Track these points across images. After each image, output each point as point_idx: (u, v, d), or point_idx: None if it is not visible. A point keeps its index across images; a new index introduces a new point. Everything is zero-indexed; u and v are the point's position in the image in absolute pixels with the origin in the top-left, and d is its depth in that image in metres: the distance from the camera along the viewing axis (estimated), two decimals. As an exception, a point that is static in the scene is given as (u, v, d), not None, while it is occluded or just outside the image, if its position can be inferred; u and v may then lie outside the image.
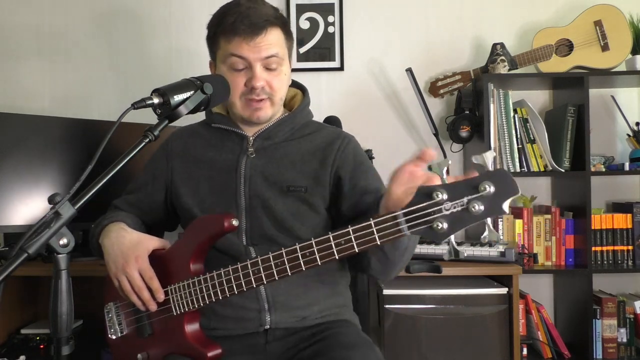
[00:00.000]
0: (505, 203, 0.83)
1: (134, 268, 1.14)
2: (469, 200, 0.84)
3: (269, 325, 1.23)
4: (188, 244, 1.17)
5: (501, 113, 2.17)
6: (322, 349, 1.17)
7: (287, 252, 1.02)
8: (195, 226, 1.18)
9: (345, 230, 0.96)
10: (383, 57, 2.45)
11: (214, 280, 1.11)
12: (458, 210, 0.85)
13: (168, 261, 1.18)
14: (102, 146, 0.94)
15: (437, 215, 0.86)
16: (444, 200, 0.85)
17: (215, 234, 1.15)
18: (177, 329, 1.15)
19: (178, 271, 1.16)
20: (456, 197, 0.85)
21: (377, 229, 0.93)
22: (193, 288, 1.13)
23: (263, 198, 1.25)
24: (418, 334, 1.82)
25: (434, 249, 1.93)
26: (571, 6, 2.39)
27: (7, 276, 0.81)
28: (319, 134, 1.34)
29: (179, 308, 1.15)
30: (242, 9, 1.22)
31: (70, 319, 0.91)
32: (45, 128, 2.00)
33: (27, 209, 1.94)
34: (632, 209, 2.22)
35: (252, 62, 1.23)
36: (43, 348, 1.94)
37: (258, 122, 1.29)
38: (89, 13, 2.45)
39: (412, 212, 0.88)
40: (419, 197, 0.88)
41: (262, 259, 1.05)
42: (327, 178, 1.28)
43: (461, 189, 0.85)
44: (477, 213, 0.83)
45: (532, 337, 2.17)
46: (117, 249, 1.18)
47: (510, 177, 0.83)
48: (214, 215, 1.18)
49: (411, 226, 0.89)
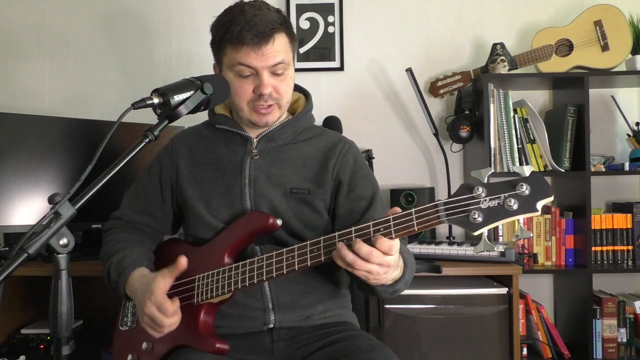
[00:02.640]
0: (539, 203, 0.90)
1: (151, 307, 1.13)
2: (506, 196, 0.91)
3: (272, 324, 1.24)
4: (230, 235, 1.22)
5: (501, 113, 2.17)
6: (337, 352, 1.17)
7: (324, 239, 1.06)
8: (240, 221, 1.23)
9: (386, 218, 1.00)
10: (383, 57, 2.45)
11: (237, 270, 1.15)
12: (494, 205, 0.92)
13: (205, 252, 1.24)
14: (102, 146, 0.94)
15: (474, 207, 0.93)
16: (482, 195, 0.92)
17: (258, 230, 1.21)
18: (191, 319, 1.18)
19: (212, 262, 1.20)
20: (494, 193, 0.93)
21: (417, 216, 0.98)
22: (222, 275, 1.17)
23: (268, 199, 1.27)
24: (418, 334, 1.82)
25: (434, 249, 1.93)
26: (571, 6, 2.40)
27: (7, 276, 0.81)
28: (321, 138, 1.36)
29: (201, 296, 1.18)
30: (247, 16, 1.21)
31: (70, 319, 0.91)
32: (45, 128, 2.00)
33: (27, 209, 1.94)
34: (632, 209, 2.22)
35: (259, 70, 1.23)
36: (43, 348, 1.94)
37: (265, 126, 1.31)
38: (89, 13, 2.45)
39: (452, 203, 0.95)
40: (460, 190, 0.95)
41: (299, 246, 1.10)
42: (329, 181, 1.30)
43: (500, 186, 0.93)
44: (511, 209, 0.91)
45: (532, 337, 2.17)
46: (139, 293, 1.19)
47: (546, 182, 0.91)
48: (258, 212, 1.25)
49: (449, 214, 0.95)
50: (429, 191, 2.25)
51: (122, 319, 1.31)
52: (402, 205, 2.20)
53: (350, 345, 1.18)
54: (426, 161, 2.45)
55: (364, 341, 1.20)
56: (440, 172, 2.39)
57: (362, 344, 1.18)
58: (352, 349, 1.17)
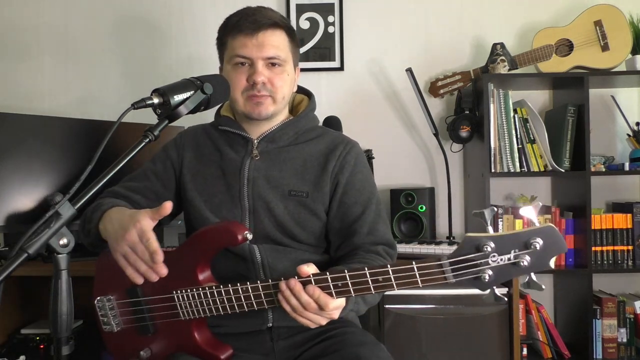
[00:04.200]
0: (552, 259, 0.86)
1: (134, 234, 1.05)
2: (517, 253, 0.86)
3: (271, 322, 1.25)
4: (196, 250, 1.14)
5: (501, 113, 2.17)
6: (330, 347, 1.19)
7: (316, 280, 1.01)
8: (207, 233, 1.15)
9: (385, 269, 0.96)
10: (383, 57, 2.45)
11: (229, 295, 1.10)
12: (505, 262, 0.87)
13: (175, 262, 1.14)
14: (102, 146, 0.94)
15: (484, 266, 0.88)
16: (492, 253, 0.87)
17: (227, 245, 1.15)
18: (186, 333, 1.16)
19: (185, 276, 1.14)
20: (504, 250, 0.87)
21: (420, 273, 0.94)
22: (205, 299, 1.12)
23: (265, 200, 1.27)
24: (418, 334, 1.82)
25: (434, 249, 1.93)
26: (571, 6, 2.39)
27: (7, 276, 0.81)
28: (323, 139, 1.36)
29: (188, 315, 1.14)
30: (249, 11, 1.28)
31: (70, 319, 0.91)
32: (45, 128, 2.00)
33: (27, 209, 1.94)
34: (632, 209, 2.22)
35: (253, 57, 1.25)
36: (43, 348, 1.94)
37: (259, 118, 1.30)
38: (89, 13, 2.45)
39: (459, 262, 0.90)
40: (467, 247, 0.89)
41: (274, 284, 1.05)
42: (328, 184, 1.30)
43: (510, 242, 0.87)
44: (523, 267, 0.86)
45: (532, 337, 2.17)
46: (117, 224, 1.11)
47: (559, 235, 0.86)
48: (227, 225, 1.14)
49: (457, 275, 0.91)
50: (429, 191, 2.25)
51: (105, 324, 1.23)
52: (403, 205, 2.20)
53: (343, 340, 1.19)
54: (426, 161, 2.45)
55: (356, 337, 1.20)
56: (440, 172, 2.39)
57: (354, 340, 1.18)
58: (343, 343, 1.17)
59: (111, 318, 1.21)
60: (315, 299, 1.00)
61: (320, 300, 1.00)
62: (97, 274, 1.26)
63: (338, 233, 1.31)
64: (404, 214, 2.20)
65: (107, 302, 1.22)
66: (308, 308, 1.00)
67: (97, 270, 1.26)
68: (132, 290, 1.19)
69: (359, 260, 1.20)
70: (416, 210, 2.18)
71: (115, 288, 1.21)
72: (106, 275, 1.24)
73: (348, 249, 1.28)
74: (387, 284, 0.96)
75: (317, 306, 1.00)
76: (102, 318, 1.23)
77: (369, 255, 1.23)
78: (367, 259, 1.21)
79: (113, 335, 1.23)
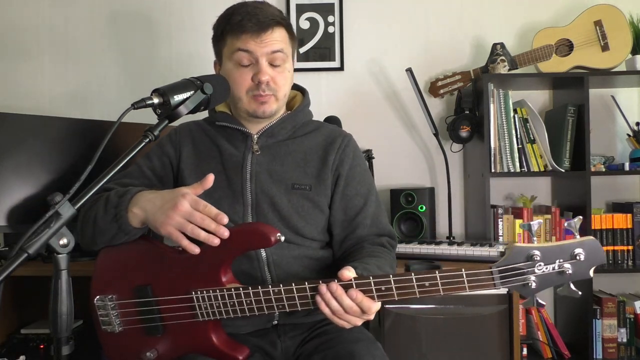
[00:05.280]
0: (592, 269, 0.95)
1: (185, 204, 1.05)
2: (561, 264, 0.96)
3: (277, 320, 1.27)
4: (221, 250, 1.10)
5: (501, 113, 2.17)
6: (325, 343, 1.20)
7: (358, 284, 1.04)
8: (236, 235, 1.10)
9: (433, 274, 1.01)
10: (383, 57, 2.45)
11: (249, 297, 1.10)
12: (549, 270, 0.96)
13: (194, 262, 1.13)
14: (102, 146, 0.94)
15: (530, 275, 0.97)
16: (538, 262, 0.96)
17: (259, 247, 1.16)
18: (202, 334, 1.14)
19: (206, 276, 1.12)
20: (550, 260, 0.96)
21: (469, 280, 1.00)
22: (228, 300, 1.11)
23: (269, 195, 1.28)
24: (418, 333, 1.82)
25: (434, 249, 1.93)
26: (571, 6, 2.39)
27: (7, 276, 0.81)
28: (320, 132, 1.38)
29: (206, 316, 1.13)
30: (249, 8, 1.27)
31: (70, 319, 0.91)
32: (45, 128, 1.99)
33: (27, 209, 1.94)
34: (632, 209, 2.22)
35: (258, 57, 1.26)
36: (43, 348, 1.94)
37: (263, 116, 1.31)
38: (89, 13, 2.45)
39: (508, 270, 0.97)
40: (514, 256, 0.97)
41: (297, 288, 1.07)
42: (329, 177, 1.32)
43: (555, 252, 0.96)
44: (567, 275, 0.96)
45: (532, 337, 2.17)
46: (158, 202, 1.10)
47: (600, 247, 0.96)
48: (258, 227, 1.13)
49: (505, 282, 0.98)
50: (429, 191, 2.25)
51: (105, 324, 1.20)
52: (403, 205, 2.20)
53: (339, 337, 1.20)
54: (426, 161, 2.45)
55: (353, 334, 1.20)
56: (440, 172, 2.39)
57: (351, 337, 1.19)
58: (339, 340, 1.19)
59: (113, 318, 1.19)
60: (359, 302, 1.03)
61: (364, 304, 1.03)
62: (96, 272, 1.24)
63: (341, 225, 1.33)
64: (404, 214, 2.20)
65: (108, 301, 1.19)
66: (350, 311, 1.03)
67: (97, 269, 1.24)
68: (140, 289, 1.17)
69: (368, 254, 1.22)
70: (416, 210, 2.18)
71: (119, 287, 1.19)
72: (107, 274, 1.22)
73: (353, 241, 1.31)
74: (433, 289, 1.01)
75: (360, 310, 1.03)
76: (102, 318, 1.20)
77: (376, 248, 1.27)
78: (376, 253, 1.23)
79: (113, 336, 1.20)
